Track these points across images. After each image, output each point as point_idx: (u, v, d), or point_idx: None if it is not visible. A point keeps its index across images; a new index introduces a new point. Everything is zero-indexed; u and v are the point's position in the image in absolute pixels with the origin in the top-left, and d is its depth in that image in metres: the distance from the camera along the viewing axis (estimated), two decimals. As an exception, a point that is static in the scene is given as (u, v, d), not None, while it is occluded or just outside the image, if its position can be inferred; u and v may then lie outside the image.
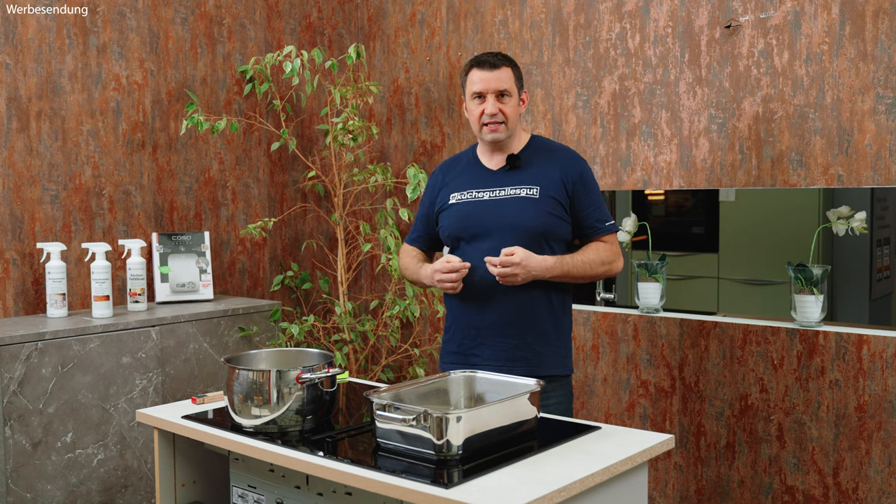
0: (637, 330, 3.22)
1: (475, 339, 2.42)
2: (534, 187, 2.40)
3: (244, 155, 3.76)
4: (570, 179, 2.42)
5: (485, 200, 2.44)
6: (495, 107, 2.39)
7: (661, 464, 3.16)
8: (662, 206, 5.28)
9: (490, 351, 2.40)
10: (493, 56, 2.43)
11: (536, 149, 2.49)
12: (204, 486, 2.29)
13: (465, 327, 2.44)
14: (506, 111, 2.40)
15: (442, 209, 2.52)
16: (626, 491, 1.82)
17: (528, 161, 2.46)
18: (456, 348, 2.47)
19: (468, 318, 2.43)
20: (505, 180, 2.44)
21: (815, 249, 3.14)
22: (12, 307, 3.06)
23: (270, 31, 3.84)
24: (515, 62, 2.47)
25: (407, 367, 3.90)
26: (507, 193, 2.42)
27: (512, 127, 2.43)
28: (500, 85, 2.39)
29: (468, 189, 2.48)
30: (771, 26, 2.88)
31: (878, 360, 2.69)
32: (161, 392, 3.02)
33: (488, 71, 2.40)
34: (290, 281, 3.86)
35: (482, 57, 2.43)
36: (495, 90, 2.39)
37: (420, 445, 1.75)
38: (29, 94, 3.08)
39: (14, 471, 2.65)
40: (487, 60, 2.41)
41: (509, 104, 2.41)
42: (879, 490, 2.69)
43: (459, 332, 2.46)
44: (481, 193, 2.45)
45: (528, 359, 2.38)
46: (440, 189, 2.55)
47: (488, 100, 2.40)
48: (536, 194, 2.39)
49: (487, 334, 2.40)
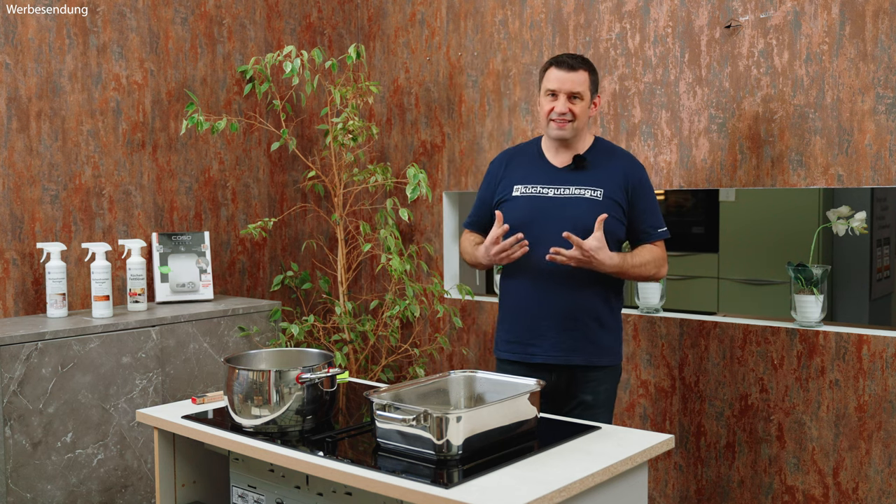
0: (637, 330, 3.22)
1: (534, 330, 2.51)
2: (598, 189, 2.50)
3: (244, 155, 3.76)
4: (630, 184, 2.52)
5: (549, 197, 2.52)
6: (566, 106, 2.48)
7: (661, 464, 3.16)
8: (663, 206, 5.29)
9: (549, 342, 2.49)
10: (572, 58, 2.50)
11: (600, 151, 2.58)
12: (204, 486, 2.29)
13: (524, 318, 2.53)
14: (575, 111, 2.49)
15: (504, 199, 2.59)
16: (626, 491, 1.82)
17: (592, 162, 2.55)
18: (514, 338, 2.55)
19: (527, 308, 2.52)
20: (570, 179, 2.53)
21: (815, 249, 3.14)
22: (12, 307, 3.06)
23: (270, 31, 3.84)
24: (594, 67, 2.55)
25: (407, 367, 3.90)
26: (571, 192, 2.51)
27: (579, 127, 2.51)
28: (575, 87, 2.48)
29: (532, 183, 2.55)
30: (771, 26, 2.88)
31: (878, 360, 2.69)
32: (161, 392, 3.02)
33: (566, 72, 2.48)
34: (290, 281, 3.86)
35: (562, 57, 2.51)
36: (569, 91, 2.48)
37: (420, 445, 1.76)
38: (29, 94, 3.08)
39: (14, 471, 2.65)
40: (566, 61, 2.49)
41: (579, 105, 2.49)
42: (879, 490, 2.69)
43: (517, 322, 2.55)
44: (546, 189, 2.53)
45: (586, 349, 2.49)
46: (502, 178, 2.63)
47: (560, 98, 2.48)
48: (600, 196, 2.49)
49: (547, 325, 2.49)
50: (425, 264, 3.88)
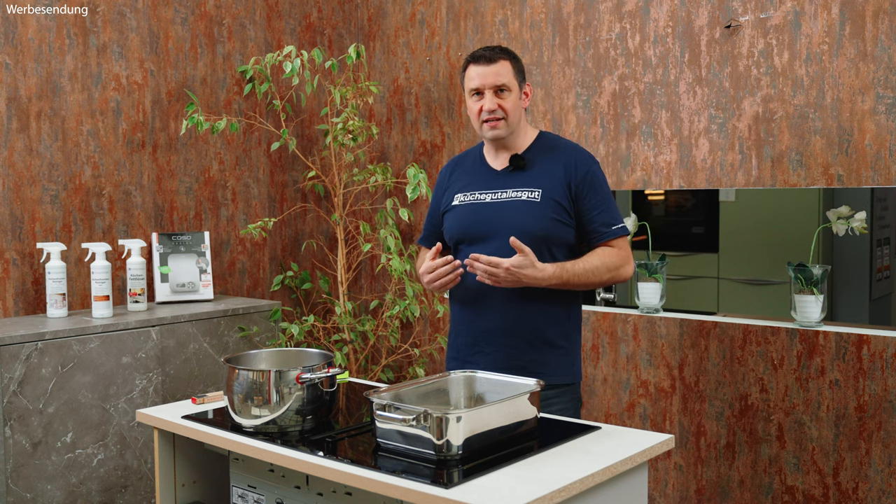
0: (637, 330, 3.22)
1: (473, 346, 2.36)
2: (535, 190, 2.30)
3: (244, 155, 3.76)
4: (574, 180, 2.30)
5: (486, 203, 2.35)
6: (494, 102, 2.29)
7: (661, 464, 3.16)
8: (662, 206, 5.28)
9: (488, 358, 2.32)
10: (489, 50, 2.32)
11: (542, 147, 2.38)
12: (204, 486, 2.29)
13: (465, 333, 2.38)
14: (505, 106, 2.30)
15: (446, 210, 2.44)
16: (626, 491, 1.82)
17: (532, 161, 2.35)
18: (456, 354, 2.42)
19: (467, 323, 2.38)
20: (507, 182, 2.35)
21: (815, 249, 3.14)
22: (12, 307, 3.06)
23: (270, 31, 3.84)
24: (515, 54, 2.36)
25: (407, 367, 3.90)
26: (508, 196, 2.32)
27: (513, 123, 2.32)
28: (498, 80, 2.29)
29: (471, 190, 2.39)
30: (771, 26, 2.88)
31: (878, 360, 2.69)
32: (161, 392, 3.02)
33: (485, 66, 2.30)
34: (290, 281, 3.86)
35: (478, 52, 2.33)
36: (493, 85, 2.29)
37: (420, 445, 1.75)
38: (29, 94, 3.08)
39: (14, 471, 2.65)
40: (483, 55, 2.31)
41: (509, 99, 2.30)
42: (879, 490, 2.69)
43: (460, 337, 2.40)
44: (483, 195, 2.36)
45: (527, 367, 2.28)
46: (446, 189, 2.49)
47: (486, 95, 2.30)
48: (538, 197, 2.29)
49: (485, 341, 2.33)
50: (425, 264, 3.88)
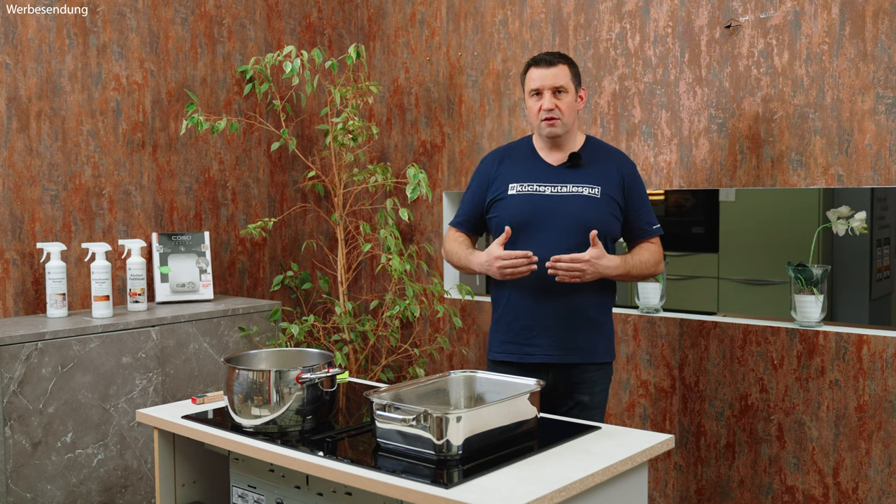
0: (637, 330, 3.22)
1: (532, 330, 2.51)
2: (595, 187, 2.51)
3: (244, 155, 3.76)
4: (626, 181, 2.54)
5: (546, 195, 2.52)
6: (552, 102, 2.49)
7: (661, 464, 3.16)
8: (662, 206, 5.29)
9: (548, 341, 2.49)
10: (550, 55, 2.53)
11: (593, 148, 2.60)
12: (204, 486, 2.29)
13: (524, 317, 2.52)
14: (561, 107, 2.50)
15: (498, 198, 2.58)
16: (626, 491, 1.82)
17: (587, 160, 2.55)
18: (511, 338, 2.55)
19: (525, 309, 2.52)
20: (566, 177, 2.53)
21: (815, 249, 3.14)
22: (12, 307, 3.06)
23: (270, 31, 3.84)
24: (572, 60, 2.56)
25: (407, 367, 3.90)
26: (569, 190, 2.51)
27: (568, 122, 2.52)
28: (556, 81, 2.49)
29: (528, 182, 2.55)
30: (771, 26, 2.88)
31: (878, 360, 2.69)
32: (161, 392, 3.02)
33: (545, 69, 2.50)
34: (290, 281, 3.86)
35: (540, 56, 2.54)
36: (551, 86, 2.49)
37: (420, 445, 1.76)
38: (29, 94, 3.08)
39: (14, 471, 2.65)
40: (544, 59, 2.52)
41: (565, 100, 2.51)
42: (879, 490, 2.69)
43: (515, 322, 2.54)
44: (542, 188, 2.53)
45: (581, 348, 2.50)
46: (494, 178, 2.61)
47: (545, 96, 2.50)
48: (598, 194, 2.50)
49: (545, 326, 2.49)
50: (425, 264, 3.88)
